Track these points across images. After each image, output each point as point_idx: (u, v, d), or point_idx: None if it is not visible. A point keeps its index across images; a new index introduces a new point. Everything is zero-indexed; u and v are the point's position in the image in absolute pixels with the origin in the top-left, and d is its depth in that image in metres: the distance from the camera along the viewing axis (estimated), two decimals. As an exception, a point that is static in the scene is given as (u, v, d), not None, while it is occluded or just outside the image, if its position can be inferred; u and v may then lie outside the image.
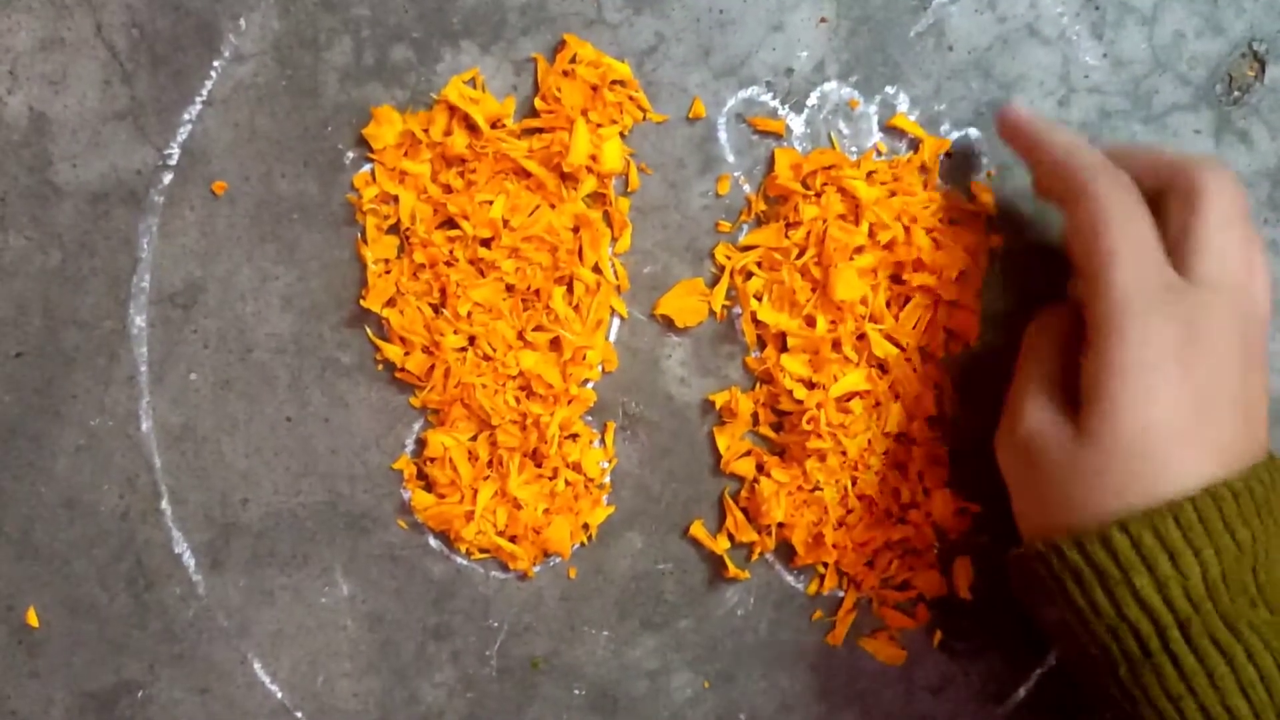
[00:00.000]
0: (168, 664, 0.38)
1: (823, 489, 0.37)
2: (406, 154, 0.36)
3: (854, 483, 0.37)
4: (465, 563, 0.38)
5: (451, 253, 0.36)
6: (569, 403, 0.37)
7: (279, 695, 0.38)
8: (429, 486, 0.38)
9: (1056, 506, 0.29)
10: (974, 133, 0.37)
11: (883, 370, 0.37)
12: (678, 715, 0.39)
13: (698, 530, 0.38)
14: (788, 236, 0.36)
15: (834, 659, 0.39)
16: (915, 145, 0.37)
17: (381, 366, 0.38)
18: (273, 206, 0.37)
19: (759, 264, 0.37)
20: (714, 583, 0.39)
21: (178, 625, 0.38)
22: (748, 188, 0.37)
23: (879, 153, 0.37)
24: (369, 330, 0.37)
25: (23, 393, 0.37)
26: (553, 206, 0.36)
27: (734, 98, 0.37)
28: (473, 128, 0.36)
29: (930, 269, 0.36)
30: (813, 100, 0.37)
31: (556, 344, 0.37)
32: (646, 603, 0.38)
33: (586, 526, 0.38)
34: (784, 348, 0.37)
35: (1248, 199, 0.31)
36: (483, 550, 0.38)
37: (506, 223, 0.36)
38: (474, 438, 0.37)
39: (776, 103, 0.37)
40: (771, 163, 0.37)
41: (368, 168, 0.37)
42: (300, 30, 0.36)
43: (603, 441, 0.38)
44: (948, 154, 0.38)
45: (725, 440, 0.38)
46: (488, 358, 0.37)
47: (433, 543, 0.38)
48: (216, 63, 0.36)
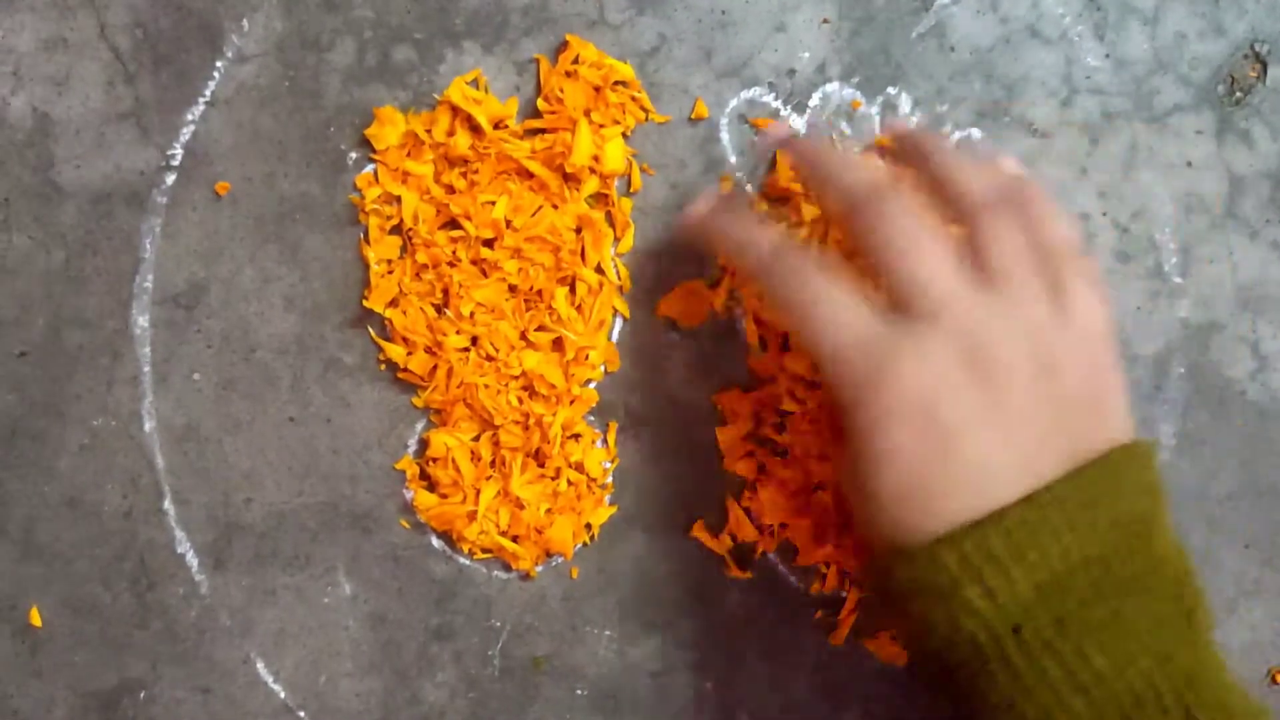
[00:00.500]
0: (170, 663, 0.38)
1: (825, 489, 0.37)
2: (409, 155, 0.37)
3: (856, 483, 0.37)
4: (468, 563, 0.38)
5: (454, 253, 0.36)
6: (571, 403, 0.37)
7: (281, 695, 0.38)
8: (431, 487, 0.38)
9: (888, 526, 0.29)
10: (976, 133, 0.38)
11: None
12: (680, 715, 0.39)
13: (700, 530, 0.38)
14: (790, 237, 0.37)
15: (836, 659, 0.39)
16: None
17: (384, 367, 0.38)
18: (275, 207, 0.37)
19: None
20: (716, 582, 0.39)
21: (180, 625, 0.38)
22: (750, 188, 0.37)
23: (881, 155, 0.37)
24: (371, 330, 0.37)
25: (26, 392, 0.37)
26: (555, 207, 0.36)
27: (736, 98, 0.37)
28: (475, 128, 0.36)
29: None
30: (815, 101, 0.37)
31: (559, 344, 0.37)
32: (649, 603, 0.38)
33: (589, 526, 0.38)
34: (786, 347, 0.37)
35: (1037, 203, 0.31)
36: (485, 550, 0.38)
37: (509, 223, 0.36)
38: (476, 438, 0.37)
39: (778, 104, 0.37)
40: (773, 163, 0.37)
41: (370, 168, 0.37)
42: (303, 31, 0.36)
43: (605, 441, 0.38)
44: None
45: (727, 440, 0.38)
46: (490, 358, 0.37)
47: (435, 543, 0.38)
48: (219, 63, 0.37)
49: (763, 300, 0.32)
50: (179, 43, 0.36)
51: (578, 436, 0.37)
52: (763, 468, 0.38)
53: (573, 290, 0.37)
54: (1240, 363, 0.39)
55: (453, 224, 0.37)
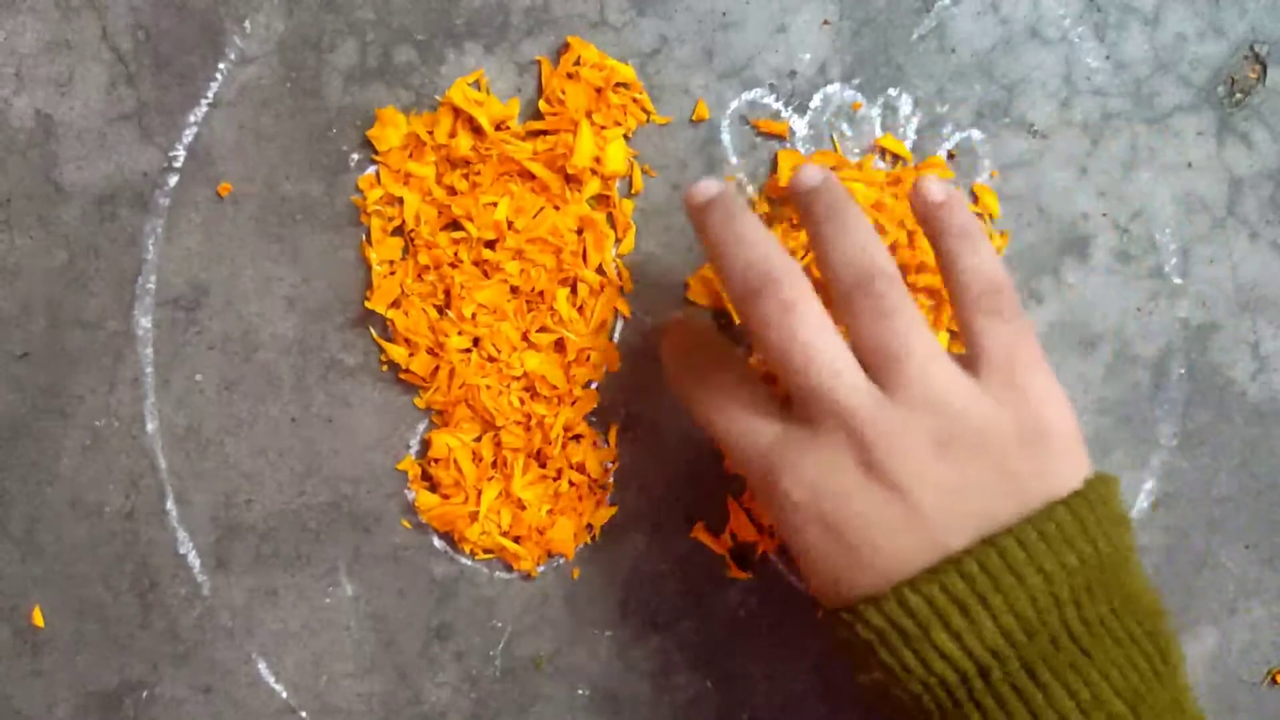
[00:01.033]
0: (172, 664, 0.38)
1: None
2: (411, 156, 0.37)
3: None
4: (469, 563, 0.38)
5: (456, 254, 0.36)
6: (573, 403, 0.37)
7: (283, 695, 0.38)
8: (433, 487, 0.38)
9: (853, 570, 0.29)
10: (976, 135, 0.38)
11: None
12: (681, 715, 0.39)
13: (700, 531, 0.38)
14: (791, 238, 0.37)
15: (837, 659, 0.39)
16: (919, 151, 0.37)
17: (386, 367, 0.38)
18: (277, 208, 0.37)
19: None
20: (717, 583, 0.39)
21: (182, 625, 0.38)
22: (751, 189, 0.38)
23: (881, 153, 0.37)
24: (373, 331, 0.37)
25: (28, 393, 0.37)
26: (557, 208, 0.37)
27: (737, 100, 0.37)
28: (477, 130, 0.36)
29: (933, 271, 0.36)
30: (815, 102, 0.37)
31: (560, 345, 0.37)
32: (650, 603, 0.39)
33: (590, 527, 0.38)
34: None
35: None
36: (486, 551, 0.38)
37: (510, 224, 0.36)
38: (478, 438, 0.37)
39: (779, 105, 0.37)
40: (774, 165, 0.37)
41: (372, 169, 0.37)
42: (305, 32, 0.37)
43: (606, 442, 0.38)
44: (950, 155, 0.38)
45: (728, 441, 0.38)
46: (492, 359, 0.37)
47: (436, 543, 0.38)
48: (221, 65, 0.37)
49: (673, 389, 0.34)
50: (181, 44, 0.36)
51: (579, 437, 0.38)
52: (763, 468, 0.38)
53: (574, 291, 0.37)
54: (1240, 363, 0.39)
55: (454, 225, 0.37)
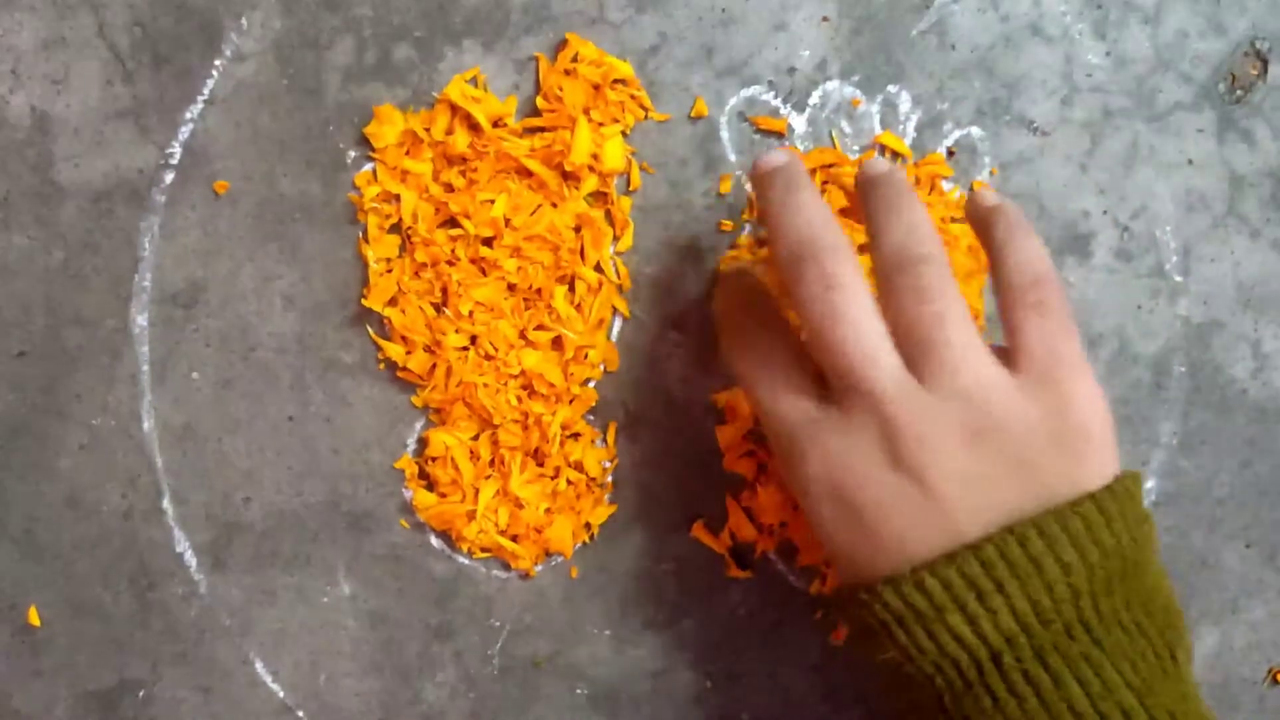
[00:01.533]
0: (170, 663, 0.38)
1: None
2: (408, 153, 0.37)
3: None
4: (467, 562, 0.38)
5: (453, 252, 0.36)
6: (571, 402, 0.37)
7: (281, 695, 0.38)
8: (431, 486, 0.38)
9: (872, 552, 0.29)
10: (976, 132, 0.37)
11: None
12: (680, 715, 0.39)
13: (699, 530, 0.38)
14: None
15: (837, 658, 0.39)
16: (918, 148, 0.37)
17: (383, 366, 0.38)
18: (274, 206, 0.37)
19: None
20: (716, 582, 0.38)
21: (180, 625, 0.38)
22: (749, 187, 0.37)
23: (881, 150, 0.37)
24: (371, 329, 0.37)
25: (25, 392, 0.37)
26: (554, 205, 0.36)
27: (736, 97, 0.37)
28: (474, 127, 0.36)
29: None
30: (815, 99, 0.37)
31: (558, 343, 0.37)
32: (649, 602, 0.38)
33: (589, 526, 0.38)
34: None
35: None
36: (485, 549, 0.38)
37: (508, 222, 0.36)
38: (476, 437, 0.37)
39: (778, 102, 0.37)
40: (773, 162, 0.37)
41: (369, 167, 0.37)
42: (302, 29, 0.36)
43: (604, 441, 0.38)
44: (950, 152, 0.38)
45: (727, 439, 0.38)
46: (489, 357, 0.37)
47: (434, 542, 0.38)
48: (218, 62, 0.37)
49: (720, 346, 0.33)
50: (178, 41, 0.36)
51: (577, 435, 0.37)
52: (763, 467, 0.38)
53: (572, 289, 0.37)
54: (1241, 361, 0.39)
55: (452, 222, 0.37)
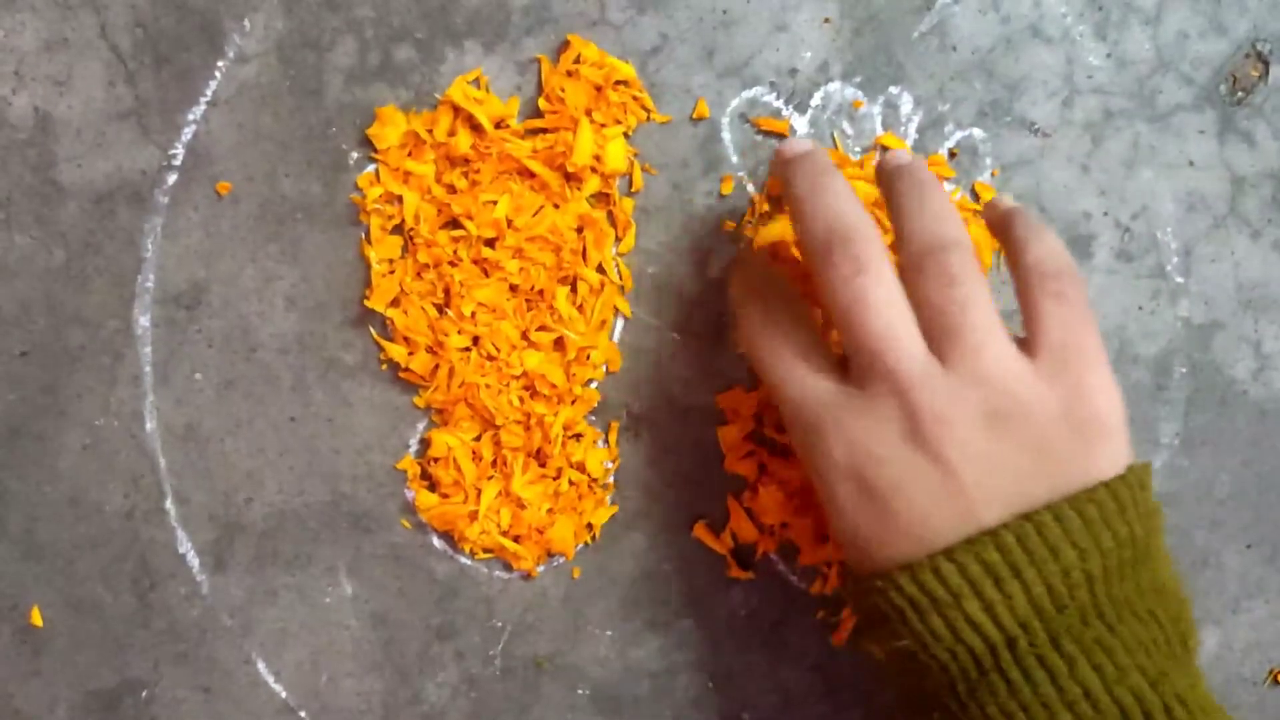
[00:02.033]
0: (171, 663, 0.38)
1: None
2: (410, 154, 0.37)
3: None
4: (469, 562, 0.38)
5: (455, 253, 0.36)
6: (573, 403, 0.37)
7: (282, 695, 0.38)
8: (432, 486, 0.38)
9: (887, 536, 0.29)
10: (978, 133, 0.38)
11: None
12: (681, 715, 0.39)
13: (701, 530, 0.38)
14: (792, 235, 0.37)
15: (838, 659, 0.39)
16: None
17: (385, 366, 0.38)
18: (277, 207, 0.37)
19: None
20: (717, 583, 0.39)
21: (181, 625, 0.38)
22: (751, 188, 0.37)
23: (882, 151, 0.37)
24: (373, 330, 0.37)
25: (27, 392, 0.37)
26: (556, 207, 0.36)
27: (738, 98, 0.37)
28: (477, 128, 0.36)
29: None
30: (816, 100, 0.37)
31: (560, 344, 0.37)
32: (650, 603, 0.38)
33: (590, 526, 0.38)
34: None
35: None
36: (486, 550, 0.38)
37: (510, 223, 0.36)
38: (478, 438, 0.37)
39: (780, 103, 0.37)
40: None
41: (372, 168, 0.37)
42: (304, 30, 0.36)
43: (606, 441, 0.38)
44: (951, 154, 0.38)
45: (728, 440, 0.38)
46: (491, 358, 0.37)
47: (436, 543, 0.38)
48: (220, 63, 0.37)
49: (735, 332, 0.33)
50: (180, 42, 0.36)
51: (579, 436, 0.37)
52: (764, 467, 0.38)
53: (574, 290, 0.37)
54: (1242, 362, 0.39)
55: (454, 224, 0.37)
